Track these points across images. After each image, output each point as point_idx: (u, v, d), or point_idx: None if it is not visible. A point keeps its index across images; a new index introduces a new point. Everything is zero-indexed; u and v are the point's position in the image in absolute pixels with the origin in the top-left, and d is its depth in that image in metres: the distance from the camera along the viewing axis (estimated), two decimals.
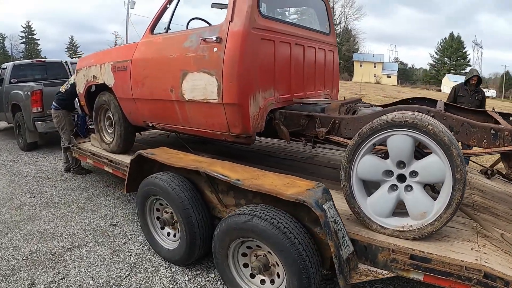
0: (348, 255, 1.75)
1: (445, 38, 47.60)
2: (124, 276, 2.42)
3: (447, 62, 49.33)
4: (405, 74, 59.01)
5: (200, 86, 2.49)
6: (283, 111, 2.70)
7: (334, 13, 45.26)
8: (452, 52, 48.13)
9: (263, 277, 1.99)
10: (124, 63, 3.14)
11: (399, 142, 1.76)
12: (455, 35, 45.66)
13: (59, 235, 3.04)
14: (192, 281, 2.37)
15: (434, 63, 53.16)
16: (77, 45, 56.62)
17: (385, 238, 1.81)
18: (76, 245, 2.87)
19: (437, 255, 1.64)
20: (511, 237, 1.85)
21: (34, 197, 3.93)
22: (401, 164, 1.79)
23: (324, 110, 2.86)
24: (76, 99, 4.16)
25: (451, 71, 47.13)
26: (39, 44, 54.55)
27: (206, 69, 2.44)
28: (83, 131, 4.48)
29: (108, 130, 3.79)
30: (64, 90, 4.42)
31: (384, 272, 1.74)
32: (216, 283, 2.33)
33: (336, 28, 46.39)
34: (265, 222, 1.78)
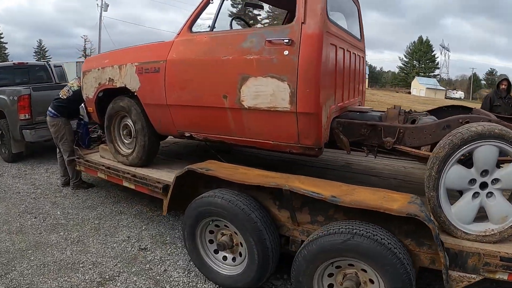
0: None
1: (414, 42, 49.89)
2: None
3: (416, 65, 51.99)
4: (374, 77, 61.59)
5: (267, 93, 2.22)
6: (341, 120, 2.52)
7: None
8: (421, 55, 50.76)
9: None
10: (155, 64, 2.77)
11: (487, 152, 1.83)
12: (424, 38, 47.97)
13: (81, 265, 2.61)
14: None
15: (403, 66, 55.83)
16: (46, 49, 53.73)
17: (470, 243, 1.88)
18: (107, 277, 2.47)
19: None
20: None
21: (35, 218, 3.40)
22: (483, 172, 1.86)
23: (381, 118, 2.73)
24: (82, 105, 3.67)
25: (420, 73, 49.72)
26: (7, 48, 51.20)
27: (274, 73, 2.18)
28: (85, 141, 3.98)
29: (125, 141, 3.38)
30: (65, 96, 3.91)
31: (474, 276, 1.81)
32: None
33: None
34: (368, 240, 1.72)
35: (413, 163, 3.55)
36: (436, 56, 54.34)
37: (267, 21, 46.95)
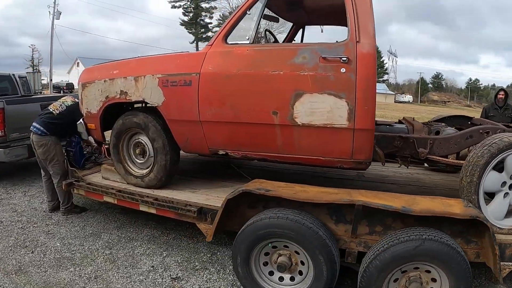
0: None
1: None
2: None
3: None
4: None
5: (323, 110, 2.22)
6: (375, 133, 2.63)
7: (260, 26, 47.49)
8: None
9: None
10: (185, 76, 2.61)
11: None
12: None
13: None
14: None
15: None
16: None
17: (505, 237, 2.14)
18: None
19: None
20: None
21: (32, 252, 2.97)
22: None
23: (408, 130, 2.90)
24: (81, 121, 3.29)
25: None
26: None
27: (331, 90, 2.19)
28: (79, 162, 3.58)
29: (137, 160, 3.11)
30: (57, 111, 3.48)
31: (510, 264, 2.06)
32: None
33: (261, 42, 48.02)
34: (437, 243, 1.89)
35: (414, 169, 3.81)
36: (384, 61, 58.66)
37: (217, 29, 47.16)
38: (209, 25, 44.55)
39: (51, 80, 26.96)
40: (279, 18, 3.25)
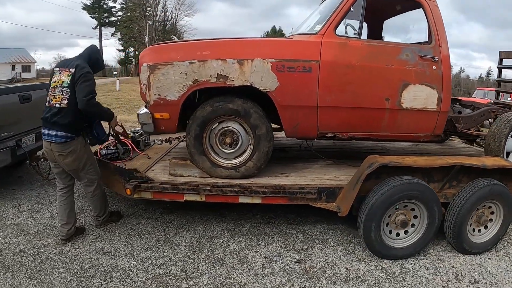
0: None
1: (267, 32, 52.70)
2: None
3: None
4: None
5: (422, 97, 2.98)
6: None
7: (166, 9, 43.27)
8: None
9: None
10: (303, 63, 2.78)
11: None
12: (277, 28, 52.17)
13: None
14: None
15: None
16: None
17: None
18: None
19: None
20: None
21: (111, 280, 2.35)
22: None
23: None
24: (146, 110, 2.71)
25: None
26: None
27: (428, 82, 2.98)
28: (100, 138, 2.88)
29: (224, 150, 2.95)
30: (66, 102, 2.57)
31: None
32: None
33: (167, 25, 44.62)
34: (499, 186, 2.79)
35: (415, 144, 4.54)
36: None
37: (120, 13, 43.47)
38: (113, 10, 43.19)
39: None
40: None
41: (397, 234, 2.87)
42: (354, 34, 2.94)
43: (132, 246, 2.73)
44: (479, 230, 2.93)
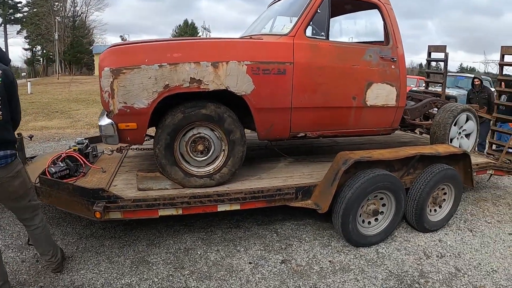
0: None
1: (179, 25, 50.47)
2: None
3: None
4: None
5: (383, 94, 3.23)
6: None
7: (76, 4, 40.55)
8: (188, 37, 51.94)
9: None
10: (278, 65, 2.78)
11: (463, 118, 3.83)
12: (189, 21, 49.91)
13: None
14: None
15: None
16: None
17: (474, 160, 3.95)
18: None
19: None
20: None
21: None
22: (460, 127, 3.88)
23: None
24: (109, 121, 2.40)
25: None
26: None
27: (388, 81, 3.23)
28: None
29: (196, 158, 2.81)
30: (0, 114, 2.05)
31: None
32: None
33: (77, 20, 41.75)
34: (450, 170, 3.21)
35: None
36: (200, 37, 59.22)
37: (27, 9, 39.96)
38: (18, 5, 40.42)
39: None
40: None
41: (369, 223, 3.09)
42: (322, 35, 3.00)
43: (106, 274, 2.47)
44: (435, 210, 3.36)
